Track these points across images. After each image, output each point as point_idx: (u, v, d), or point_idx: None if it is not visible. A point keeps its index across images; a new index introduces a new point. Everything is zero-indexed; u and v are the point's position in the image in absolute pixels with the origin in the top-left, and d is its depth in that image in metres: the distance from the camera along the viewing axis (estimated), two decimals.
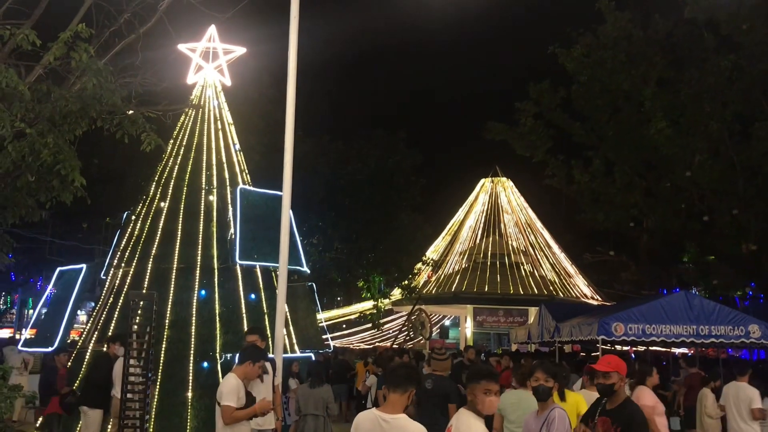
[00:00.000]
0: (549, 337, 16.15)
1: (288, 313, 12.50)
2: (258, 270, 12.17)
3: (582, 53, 23.08)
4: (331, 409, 9.04)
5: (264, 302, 11.94)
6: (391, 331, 36.56)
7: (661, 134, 21.69)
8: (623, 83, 22.49)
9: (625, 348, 21.63)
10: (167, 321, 11.10)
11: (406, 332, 30.54)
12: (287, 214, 7.52)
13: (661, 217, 24.51)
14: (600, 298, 35.29)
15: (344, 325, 38.72)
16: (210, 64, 13.40)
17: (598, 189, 24.56)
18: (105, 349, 10.06)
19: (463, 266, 37.62)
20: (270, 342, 9.77)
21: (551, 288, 35.04)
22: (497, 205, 40.62)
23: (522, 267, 36.29)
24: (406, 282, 29.46)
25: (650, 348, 20.96)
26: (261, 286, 12.13)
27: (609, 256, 32.85)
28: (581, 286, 37.06)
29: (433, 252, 38.24)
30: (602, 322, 12.58)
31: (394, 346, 28.54)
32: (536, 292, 33.97)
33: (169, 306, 11.28)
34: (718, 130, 21.46)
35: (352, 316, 37.26)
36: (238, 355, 6.67)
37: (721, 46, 21.39)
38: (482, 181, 41.87)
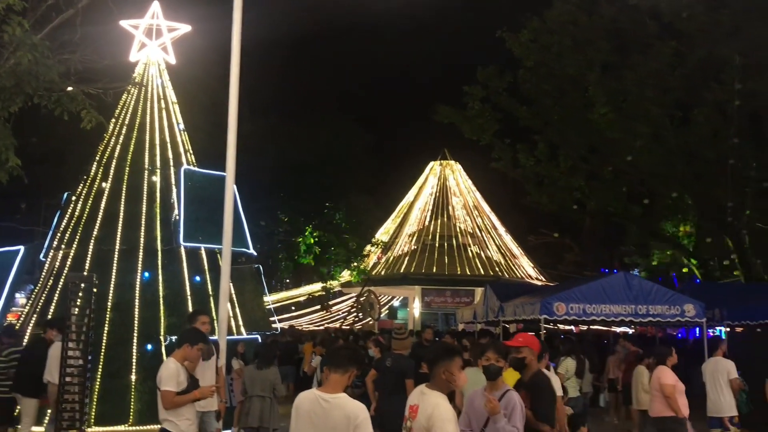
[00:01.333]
0: (494, 316, 16.44)
1: (234, 296, 12.43)
2: (203, 252, 12.06)
3: (529, 38, 23.24)
4: (278, 391, 9.04)
5: (209, 284, 11.85)
6: (340, 313, 36.68)
7: (605, 119, 22.12)
8: (568, 68, 22.73)
9: (567, 327, 22.21)
10: (109, 304, 10.98)
11: (355, 313, 30.67)
12: (231, 195, 7.44)
13: (604, 200, 25.06)
14: (544, 279, 36.06)
15: (293, 307, 38.66)
16: (153, 42, 13.09)
17: (543, 172, 24.88)
18: (42, 334, 9.82)
19: (412, 248, 37.94)
20: (215, 324, 9.70)
21: (497, 269, 35.66)
22: (446, 187, 41.01)
23: (469, 248, 36.81)
24: (356, 264, 29.50)
25: (591, 327, 21.59)
26: (206, 268, 12.04)
27: (553, 238, 33.56)
28: (526, 267, 37.80)
29: (383, 234, 38.41)
30: (544, 302, 12.87)
31: (344, 327, 28.66)
32: (483, 273, 34.52)
33: (111, 288, 11.15)
34: (659, 115, 21.96)
35: (301, 298, 37.22)
36: (177, 338, 6.61)
37: (664, 33, 21.76)
38: (431, 163, 42.17)
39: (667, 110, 22.20)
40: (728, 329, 15.42)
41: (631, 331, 21.82)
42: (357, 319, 31.37)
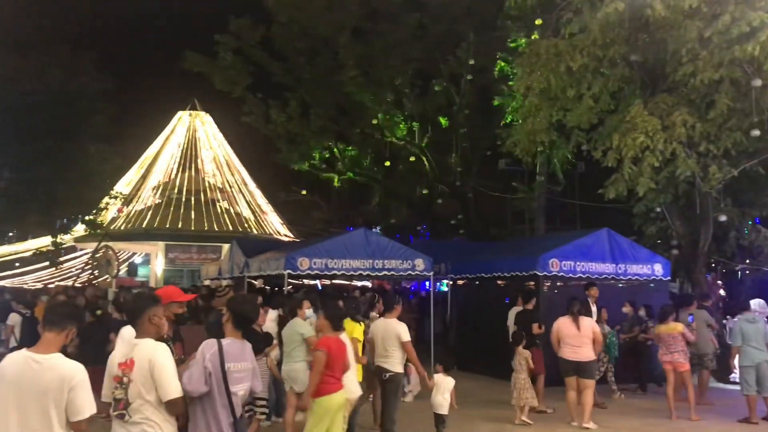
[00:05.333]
0: (239, 272, 16.40)
1: None
2: None
3: None
4: None
5: None
6: (73, 270, 34.00)
7: (354, 82, 22.93)
8: (321, 28, 23.11)
9: (312, 282, 22.92)
10: None
11: (90, 270, 28.61)
12: None
13: (351, 160, 26.13)
14: (292, 235, 36.74)
15: (17, 264, 34.93)
16: None
17: (294, 130, 25.23)
18: None
19: (156, 201, 36.24)
20: None
21: (246, 225, 35.54)
22: (195, 139, 39.63)
23: (218, 204, 36.14)
24: (91, 217, 27.26)
25: (334, 281, 22.51)
26: None
27: (302, 196, 34.27)
28: (275, 224, 38.17)
29: (124, 186, 36.05)
30: (289, 257, 13.16)
31: (77, 285, 26.63)
32: (231, 228, 34.17)
33: None
34: (402, 83, 23.37)
35: (27, 254, 33.70)
36: None
37: (411, 4, 22.97)
38: (180, 113, 40.38)
39: (409, 79, 23.69)
40: (452, 282, 17.04)
41: (369, 284, 23.15)
42: (92, 276, 29.27)
